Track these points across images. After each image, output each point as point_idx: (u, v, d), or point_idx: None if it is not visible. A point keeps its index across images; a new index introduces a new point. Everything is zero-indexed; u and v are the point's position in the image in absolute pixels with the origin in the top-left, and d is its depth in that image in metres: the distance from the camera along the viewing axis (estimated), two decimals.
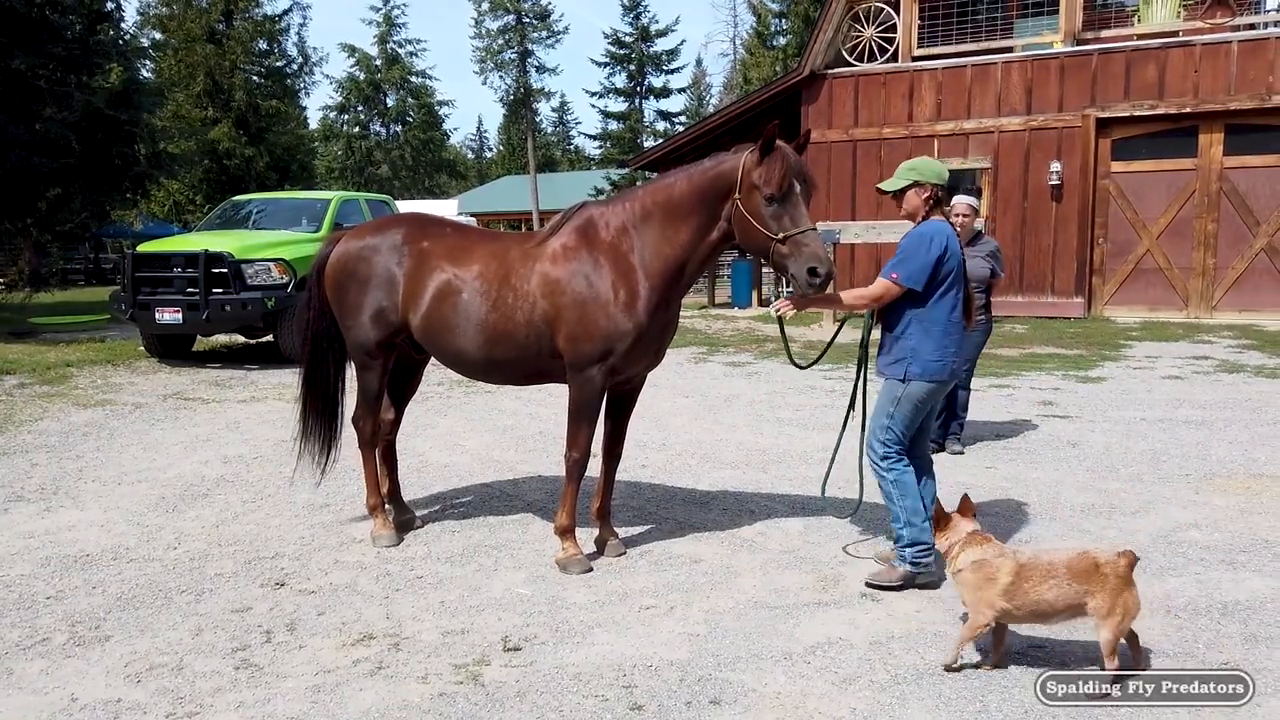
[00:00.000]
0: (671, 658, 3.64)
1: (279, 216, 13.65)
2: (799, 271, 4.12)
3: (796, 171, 4.16)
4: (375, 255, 4.89)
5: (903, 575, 4.25)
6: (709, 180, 4.33)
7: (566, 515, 4.70)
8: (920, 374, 4.23)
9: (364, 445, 5.20)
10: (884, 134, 16.55)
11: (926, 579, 4.25)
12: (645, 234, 4.45)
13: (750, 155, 4.20)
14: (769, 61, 42.06)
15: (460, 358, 4.79)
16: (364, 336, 4.93)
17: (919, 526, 4.20)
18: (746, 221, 4.21)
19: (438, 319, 4.73)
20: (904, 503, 4.26)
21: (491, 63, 49.35)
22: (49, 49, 17.71)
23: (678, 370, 11.21)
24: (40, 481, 6.36)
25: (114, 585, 4.44)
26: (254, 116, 33.78)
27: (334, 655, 3.71)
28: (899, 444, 4.31)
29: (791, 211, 4.15)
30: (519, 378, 4.98)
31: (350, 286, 4.92)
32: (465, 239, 4.93)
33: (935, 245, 4.18)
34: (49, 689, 3.45)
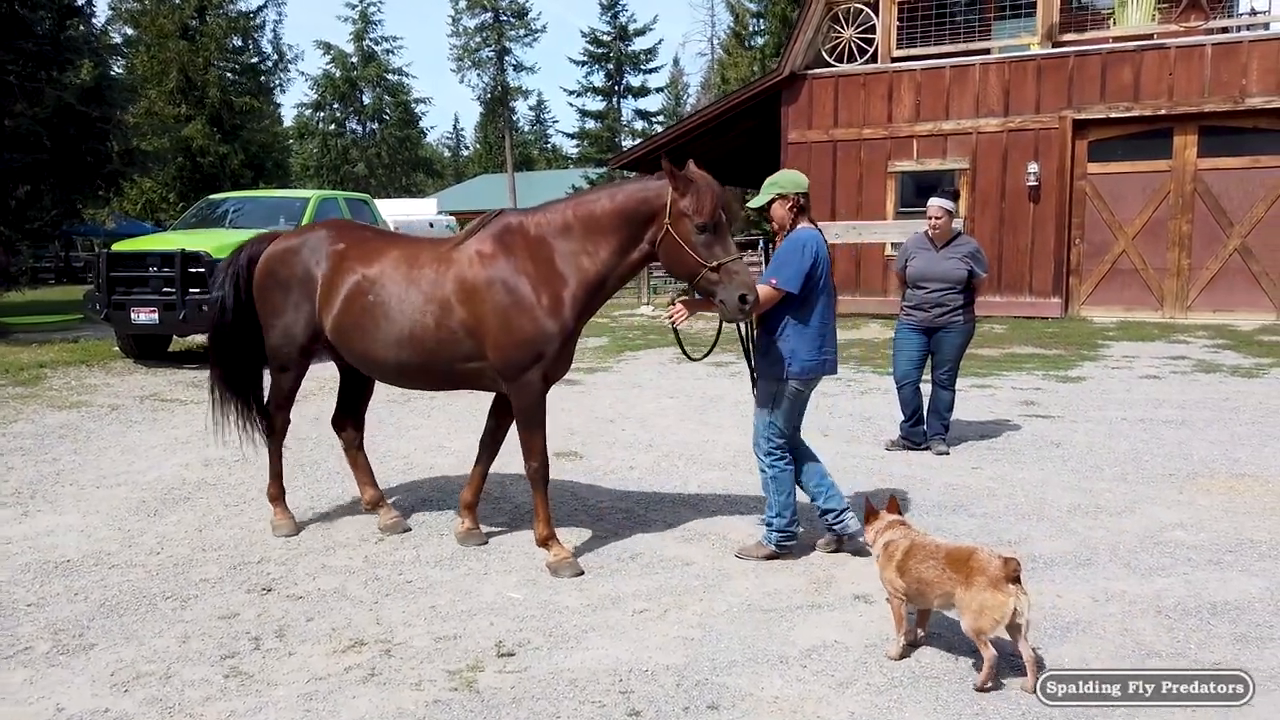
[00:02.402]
0: (667, 662, 3.62)
1: (256, 215, 13.48)
2: (729, 297, 4.25)
3: (724, 202, 4.32)
4: (295, 257, 4.95)
5: (768, 553, 4.67)
6: (634, 203, 4.42)
7: (544, 524, 4.68)
8: (799, 372, 4.54)
9: (272, 436, 5.31)
10: (864, 134, 16.61)
11: (786, 555, 4.68)
12: (564, 246, 4.50)
13: (676, 183, 4.30)
14: (746, 62, 42.11)
15: (370, 361, 4.83)
16: (281, 338, 5.01)
17: (788, 518, 4.65)
18: (677, 248, 4.32)
19: (348, 321, 4.76)
20: (779, 497, 4.65)
21: (469, 61, 49.16)
22: (18, 44, 17.41)
23: (660, 370, 11.19)
24: (16, 486, 6.24)
25: (97, 592, 4.36)
26: (228, 114, 33.31)
27: (325, 662, 3.66)
28: (782, 438, 4.66)
29: (722, 240, 4.30)
30: (431, 383, 5.04)
31: (273, 289, 4.98)
32: (382, 242, 4.97)
33: (808, 251, 4.46)
34: (33, 699, 3.37)
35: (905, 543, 3.64)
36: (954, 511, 5.44)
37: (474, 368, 4.64)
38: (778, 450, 4.66)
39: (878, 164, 16.54)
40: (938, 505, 5.56)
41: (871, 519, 3.92)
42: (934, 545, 3.59)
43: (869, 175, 16.62)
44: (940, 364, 6.76)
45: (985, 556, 3.38)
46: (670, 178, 4.32)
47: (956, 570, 3.41)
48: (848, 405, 8.68)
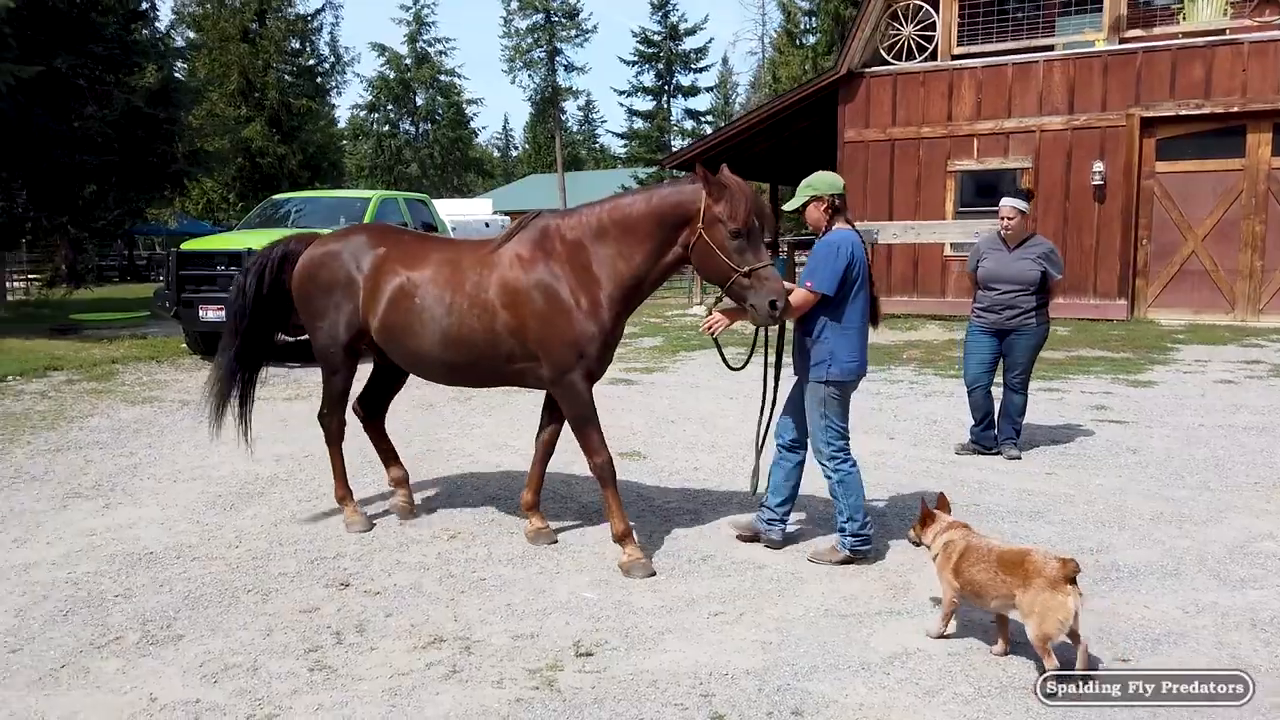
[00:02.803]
0: (747, 666, 3.59)
1: (318, 215, 13.71)
2: (760, 303, 4.30)
3: (758, 208, 4.39)
4: (336, 261, 5.06)
5: (843, 558, 4.61)
6: (668, 207, 4.47)
7: (620, 520, 4.69)
8: (840, 374, 4.55)
9: (331, 441, 5.42)
10: (922, 133, 16.37)
11: (862, 560, 4.63)
12: (600, 248, 4.58)
13: (710, 189, 4.34)
14: (798, 60, 41.79)
15: (416, 360, 4.96)
16: (327, 339, 5.12)
17: (861, 521, 4.59)
18: (710, 252, 4.38)
19: (394, 323, 4.88)
20: (849, 500, 4.59)
21: (520, 61, 49.48)
22: (90, 48, 17.92)
23: (717, 371, 11.12)
24: (96, 479, 6.40)
25: (180, 584, 4.45)
26: (286, 115, 34.00)
27: (406, 658, 3.69)
28: (842, 439, 4.64)
29: (754, 246, 4.35)
30: (477, 381, 5.19)
31: (315, 292, 5.11)
32: (422, 245, 5.10)
33: (843, 253, 4.45)
34: (127, 688, 3.45)
35: (962, 544, 3.70)
36: (1031, 518, 5.32)
37: (519, 367, 4.77)
38: (840, 454, 4.64)
39: (937, 163, 16.29)
40: (1013, 511, 5.45)
41: (929, 522, 3.91)
42: (987, 548, 3.62)
43: (927, 174, 16.38)
44: (1012, 367, 6.63)
45: (1040, 558, 3.39)
46: (705, 183, 4.37)
47: (1011, 573, 3.42)
48: (912, 408, 8.55)
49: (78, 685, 3.47)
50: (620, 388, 9.90)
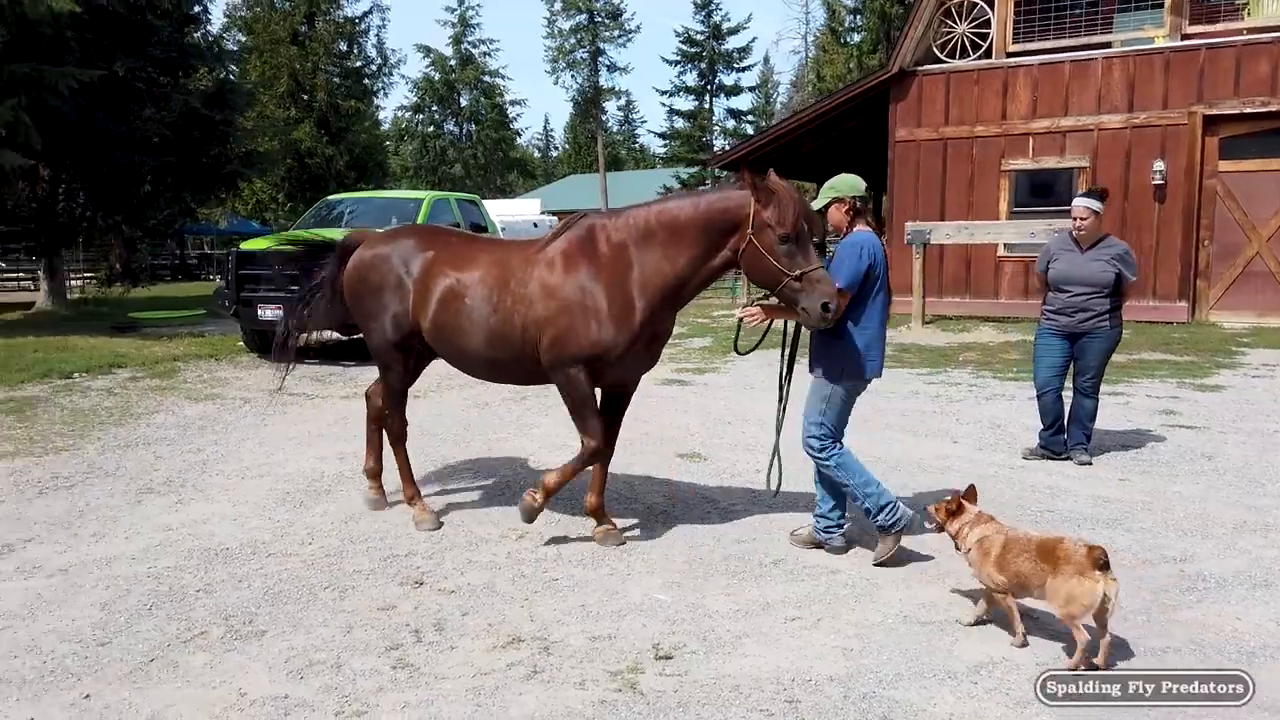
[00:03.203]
0: (829, 672, 3.55)
1: (371, 216, 13.84)
2: (812, 305, 4.35)
3: (806, 213, 4.46)
4: (386, 264, 5.20)
5: (893, 540, 4.61)
6: (716, 212, 4.54)
7: (559, 477, 4.89)
8: (856, 373, 4.62)
9: (394, 441, 5.53)
10: (976, 132, 16.13)
11: (907, 528, 4.63)
12: (645, 251, 4.64)
13: (759, 194, 4.41)
14: (843, 59, 41.47)
15: (466, 359, 5.08)
16: (381, 339, 5.25)
17: (876, 494, 4.60)
18: (760, 257, 4.44)
19: (444, 322, 5.00)
20: (854, 480, 4.64)
21: (563, 62, 49.63)
22: (148, 51, 18.29)
23: (771, 372, 11.00)
24: (167, 474, 6.52)
25: (258, 580, 4.51)
26: (334, 116, 34.48)
27: (486, 657, 3.70)
28: (830, 438, 4.70)
29: (804, 250, 4.40)
30: (521, 378, 5.24)
31: (365, 293, 5.26)
32: (469, 246, 5.22)
33: (865, 253, 4.53)
34: (216, 683, 3.50)
35: (1000, 538, 3.77)
36: (1109, 526, 5.20)
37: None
38: (829, 441, 4.71)
39: (990, 162, 16.04)
40: (1089, 519, 5.34)
41: (957, 513, 3.97)
42: (1026, 538, 3.72)
43: (981, 174, 16.14)
44: (1083, 371, 6.49)
45: (1071, 546, 3.54)
46: (752, 189, 4.43)
47: (1046, 561, 3.55)
48: (973, 411, 8.42)
49: (168, 679, 3.53)
50: (673, 388, 9.88)
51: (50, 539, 5.13)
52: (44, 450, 7.19)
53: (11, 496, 5.95)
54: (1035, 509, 5.52)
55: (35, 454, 7.07)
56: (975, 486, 4.14)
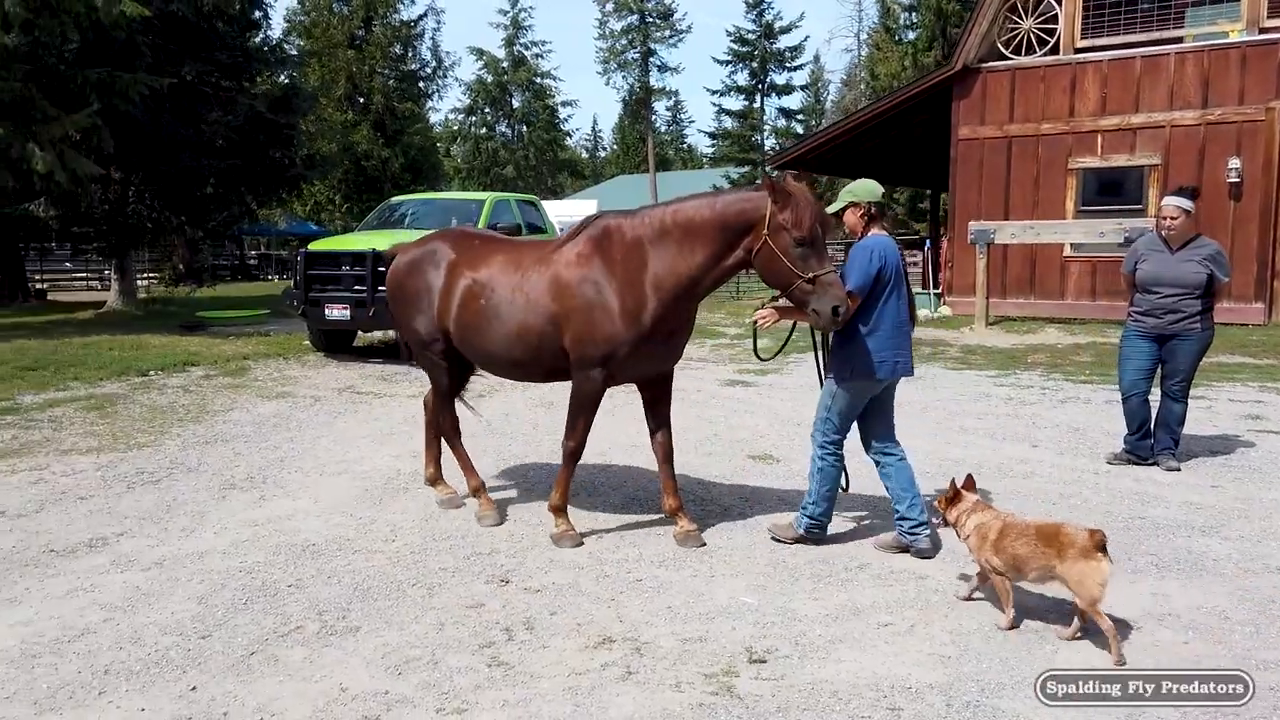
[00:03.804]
0: (929, 680, 3.49)
1: (432, 217, 13.98)
2: (823, 308, 4.41)
3: (822, 217, 4.53)
4: (417, 269, 5.39)
5: (795, 536, 4.92)
6: (733, 213, 4.60)
7: (560, 495, 5.08)
8: (865, 371, 4.68)
9: (450, 438, 5.67)
10: (1042, 130, 15.81)
11: (815, 540, 4.91)
12: (660, 250, 4.70)
13: (776, 196, 4.46)
14: (897, 56, 40.96)
15: (487, 358, 5.24)
16: (417, 342, 5.47)
17: (822, 509, 4.86)
18: (775, 259, 4.50)
19: (465, 322, 5.15)
20: (822, 488, 4.85)
21: (614, 63, 49.77)
22: (214, 57, 18.72)
23: None
24: (248, 471, 6.64)
25: (347, 576, 4.56)
26: (390, 119, 34.94)
27: (579, 657, 3.70)
28: (836, 434, 4.84)
29: (818, 253, 4.47)
30: (539, 376, 5.35)
31: (401, 299, 5.48)
32: (489, 248, 5.32)
33: (876, 256, 4.63)
34: (317, 677, 3.54)
35: (998, 524, 3.95)
36: (1205, 534, 5.04)
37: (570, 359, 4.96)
38: (831, 445, 4.84)
39: (1057, 160, 15.71)
40: (1183, 525, 5.18)
41: (956, 500, 4.15)
42: (1024, 524, 3.91)
43: (1047, 172, 15.81)
44: (1172, 374, 6.30)
45: (1072, 530, 3.71)
46: (770, 191, 4.49)
47: (1049, 545, 3.70)
48: (1050, 415, 8.23)
49: (269, 672, 3.58)
50: (738, 389, 9.83)
51: (141, 533, 5.25)
52: (127, 446, 7.37)
53: (101, 491, 6.10)
54: (1125, 516, 5.37)
55: (119, 449, 7.25)
56: (973, 476, 4.27)
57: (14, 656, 3.69)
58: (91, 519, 5.49)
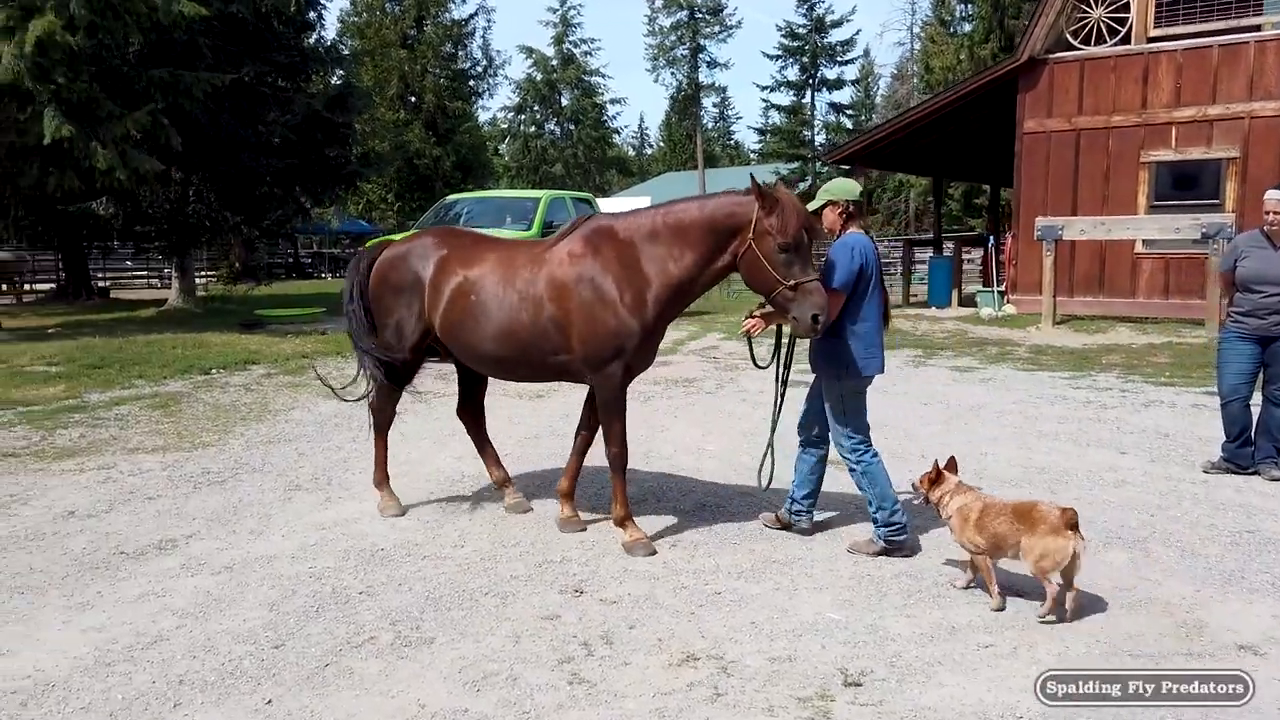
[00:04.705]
0: (1040, 709, 3.25)
1: (487, 215, 13.97)
2: (803, 315, 4.45)
3: (809, 224, 4.54)
4: (404, 263, 5.33)
5: (879, 549, 4.75)
6: (721, 216, 4.63)
7: (621, 506, 4.97)
8: (858, 371, 4.72)
9: (380, 430, 5.67)
10: (1112, 122, 15.28)
11: (899, 551, 4.75)
12: (650, 250, 4.76)
13: (764, 202, 4.47)
14: (952, 49, 40.21)
15: (474, 355, 5.21)
16: (394, 335, 5.36)
17: (889, 509, 4.71)
18: (759, 264, 4.52)
19: (454, 319, 5.11)
20: (874, 490, 4.75)
21: (664, 59, 49.55)
22: (272, 57, 18.92)
23: (899, 374, 10.65)
24: (312, 471, 6.59)
25: (418, 583, 4.45)
26: (442, 118, 35.15)
27: (663, 675, 3.53)
28: (861, 434, 4.82)
29: (802, 260, 4.48)
30: (530, 375, 5.38)
31: (385, 292, 5.38)
32: (481, 246, 5.33)
33: (857, 253, 4.65)
34: (394, 692, 3.42)
35: (979, 504, 4.08)
36: None
37: (564, 360, 4.95)
38: (860, 447, 4.82)
39: (1128, 154, 15.17)
40: None
41: (939, 481, 4.27)
42: (1002, 503, 4.06)
43: (1117, 166, 15.28)
44: (1275, 378, 5.95)
45: (1045, 508, 3.89)
46: (758, 196, 4.50)
47: (1023, 521, 3.87)
48: (1134, 419, 7.87)
49: (345, 686, 3.46)
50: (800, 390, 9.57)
51: (210, 535, 5.20)
52: (192, 445, 7.38)
53: (168, 491, 6.09)
54: (1231, 529, 5.06)
55: (185, 448, 7.26)
56: (955, 458, 4.40)
57: (88, 664, 3.62)
58: (160, 520, 5.47)
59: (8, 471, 6.55)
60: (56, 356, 11.22)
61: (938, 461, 4.36)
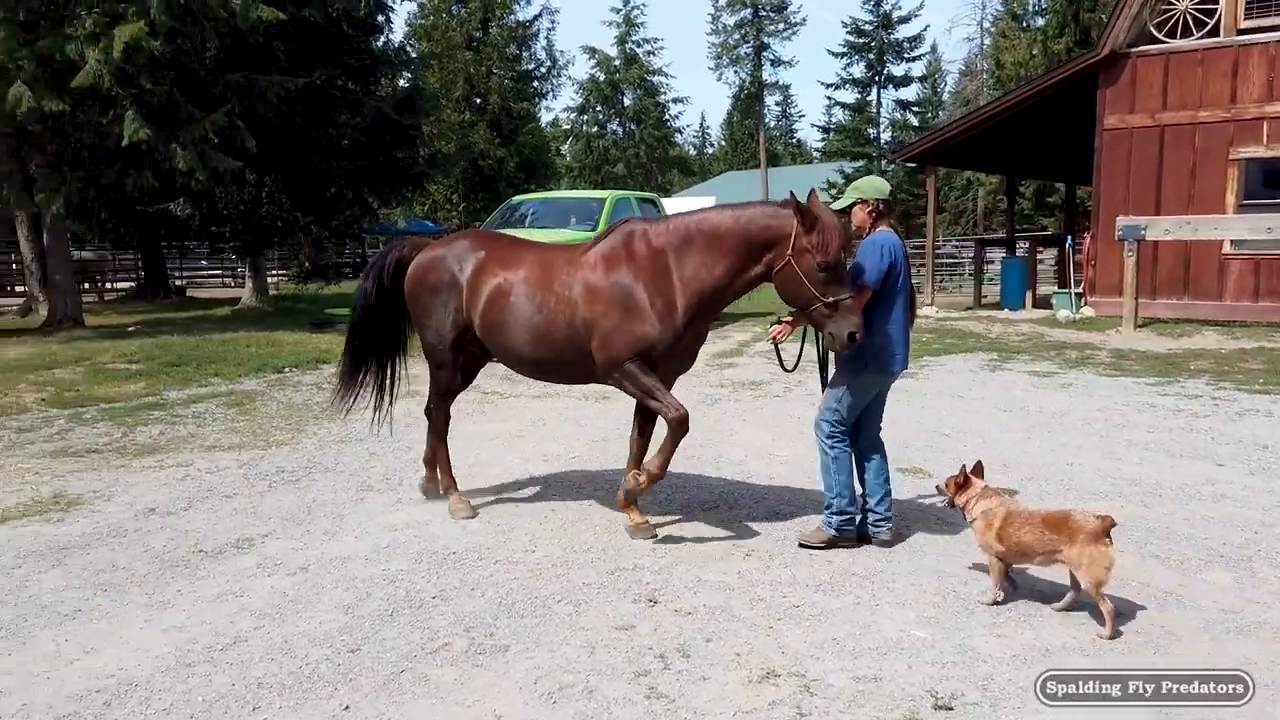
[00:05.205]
0: None
1: (552, 216, 13.99)
2: (839, 332, 4.50)
3: (848, 243, 4.57)
4: (442, 265, 5.40)
5: (828, 538, 4.85)
6: (758, 229, 4.66)
7: (661, 459, 4.93)
8: (880, 367, 4.76)
9: (438, 436, 5.73)
10: (1199, 117, 14.67)
11: (847, 544, 4.86)
12: (684, 258, 4.79)
13: (804, 219, 4.49)
14: (1025, 44, 39.06)
15: (512, 356, 5.25)
16: (435, 338, 5.45)
17: (846, 498, 4.81)
18: (797, 279, 4.56)
19: (492, 320, 5.19)
20: (839, 478, 4.83)
21: (727, 58, 49.24)
22: (343, 60, 19.23)
23: (974, 378, 10.35)
24: (384, 472, 6.63)
25: (491, 589, 4.40)
26: (506, 119, 35.41)
27: (743, 693, 3.42)
28: (843, 425, 4.85)
29: (839, 277, 4.52)
30: (565, 377, 5.40)
31: (423, 293, 5.45)
32: (518, 248, 5.43)
33: (886, 252, 4.68)
34: (469, 702, 3.37)
35: (1002, 511, 4.09)
36: None
37: (591, 365, 5.00)
38: (838, 434, 4.84)
39: (1216, 150, 14.55)
40: None
41: (965, 486, 4.29)
42: (1029, 512, 4.07)
43: (1204, 163, 14.66)
44: None
45: (1081, 517, 3.86)
46: (798, 214, 4.51)
47: (1057, 531, 3.86)
48: (1230, 429, 7.50)
49: (421, 693, 3.43)
50: None
51: (285, 534, 5.24)
52: (266, 444, 7.49)
53: (244, 489, 6.17)
54: None
55: (259, 447, 7.37)
56: (983, 462, 4.40)
57: (170, 665, 3.65)
58: (237, 518, 5.53)
59: (91, 467, 6.72)
60: (136, 354, 11.54)
61: (965, 466, 4.38)
